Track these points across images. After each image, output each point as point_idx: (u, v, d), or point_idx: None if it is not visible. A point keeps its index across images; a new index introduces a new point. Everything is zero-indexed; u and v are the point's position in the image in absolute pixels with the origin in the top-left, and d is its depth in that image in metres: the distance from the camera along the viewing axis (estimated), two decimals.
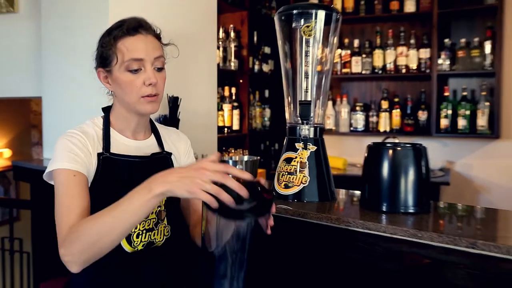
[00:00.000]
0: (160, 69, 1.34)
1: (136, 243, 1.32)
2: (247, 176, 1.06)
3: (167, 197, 1.38)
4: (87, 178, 1.27)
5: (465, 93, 3.71)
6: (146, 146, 1.43)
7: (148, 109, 1.32)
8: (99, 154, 1.31)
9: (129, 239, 1.30)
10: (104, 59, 1.32)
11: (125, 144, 1.38)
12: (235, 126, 3.52)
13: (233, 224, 1.05)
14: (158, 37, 1.36)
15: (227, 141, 3.42)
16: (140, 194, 1.05)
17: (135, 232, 1.31)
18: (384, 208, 1.44)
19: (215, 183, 1.01)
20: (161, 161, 1.44)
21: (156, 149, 1.45)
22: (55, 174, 1.25)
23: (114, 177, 1.32)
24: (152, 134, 1.48)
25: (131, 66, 1.28)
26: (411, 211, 1.42)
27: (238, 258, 1.14)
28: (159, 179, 1.04)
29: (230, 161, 2.42)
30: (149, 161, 1.39)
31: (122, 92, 1.32)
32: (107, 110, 1.42)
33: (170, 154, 1.47)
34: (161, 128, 1.53)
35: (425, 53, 3.79)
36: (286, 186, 1.63)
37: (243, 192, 1.01)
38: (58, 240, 1.15)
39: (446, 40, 3.73)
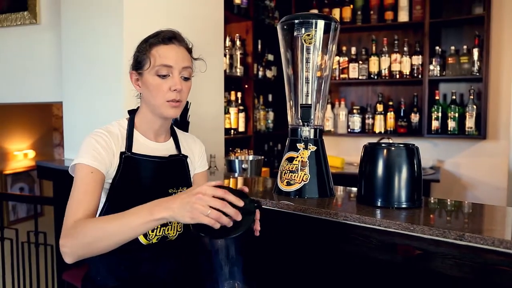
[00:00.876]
0: (187, 79, 1.36)
1: (151, 237, 1.33)
2: (241, 203, 1.04)
3: None
4: (104, 177, 1.28)
5: (454, 97, 3.69)
6: (165, 149, 1.44)
7: (170, 113, 1.34)
8: (121, 153, 1.33)
9: (145, 233, 1.32)
10: (138, 62, 1.35)
11: (146, 145, 1.40)
12: (241, 128, 3.53)
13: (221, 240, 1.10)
14: (189, 50, 1.39)
15: (233, 142, 3.43)
16: (142, 214, 1.06)
17: (154, 231, 1.33)
18: (379, 204, 1.45)
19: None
20: (177, 162, 1.46)
21: (174, 151, 1.47)
22: (76, 168, 1.26)
23: (134, 175, 1.33)
24: (171, 137, 1.49)
25: (160, 71, 1.31)
26: (404, 206, 1.43)
27: (231, 254, 1.16)
28: (162, 205, 1.05)
29: (237, 161, 2.43)
30: (167, 162, 1.41)
31: (149, 94, 1.34)
32: (132, 113, 1.44)
33: (186, 157, 1.49)
34: (179, 133, 1.54)
35: (417, 59, 3.79)
36: (288, 184, 1.64)
37: (238, 217, 1.02)
38: (62, 230, 1.15)
39: (437, 48, 3.73)
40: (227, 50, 3.39)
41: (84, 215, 1.18)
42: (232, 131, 3.43)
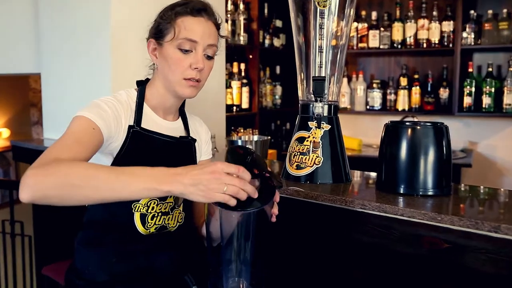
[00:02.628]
0: (210, 58, 1.37)
1: (150, 225, 1.35)
2: (256, 183, 1.10)
3: None
4: (102, 143, 1.26)
5: (490, 69, 3.66)
6: (175, 128, 1.47)
7: (186, 92, 1.36)
8: (130, 127, 1.34)
9: (143, 219, 1.34)
10: (160, 31, 1.36)
11: (155, 121, 1.41)
12: (244, 105, 3.52)
13: (237, 214, 1.12)
14: (218, 26, 1.40)
15: (235, 120, 3.43)
16: (147, 180, 1.01)
17: (151, 213, 1.35)
18: (401, 190, 1.45)
19: None
20: (186, 145, 1.49)
21: (182, 132, 1.49)
22: (74, 118, 1.24)
23: (141, 152, 1.35)
24: (180, 117, 1.51)
25: (183, 45, 1.32)
26: (430, 193, 1.43)
27: (243, 245, 1.19)
28: (171, 177, 1.02)
29: (239, 141, 2.44)
30: (176, 143, 1.44)
31: (167, 68, 1.35)
32: (141, 84, 1.45)
33: (195, 140, 1.52)
34: (189, 115, 1.57)
35: (448, 26, 3.75)
36: (298, 167, 1.64)
37: (256, 195, 1.04)
38: (34, 163, 1.07)
39: (472, 12, 3.68)
40: (228, 15, 3.36)
41: (69, 159, 1.11)
42: (235, 107, 3.43)
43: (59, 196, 1.03)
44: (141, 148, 1.35)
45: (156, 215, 1.36)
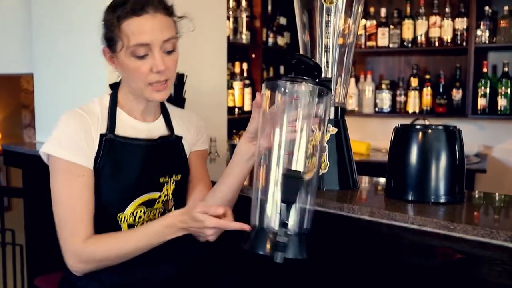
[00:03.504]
0: (171, 52, 1.33)
1: None
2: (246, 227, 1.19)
3: (176, 185, 1.41)
4: (92, 172, 1.32)
5: (506, 69, 3.66)
6: (154, 129, 1.45)
7: (156, 97, 1.34)
8: (101, 135, 1.33)
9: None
10: (109, 40, 1.32)
11: (131, 125, 1.40)
12: (247, 107, 3.53)
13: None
14: (169, 12, 1.34)
15: (238, 122, 3.43)
16: (157, 237, 1.26)
17: (138, 222, 1.35)
18: (412, 198, 1.44)
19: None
20: (169, 145, 1.46)
21: (165, 132, 1.47)
22: (56, 161, 1.29)
23: (118, 161, 1.34)
24: (161, 115, 1.49)
25: (137, 51, 1.27)
26: (442, 201, 1.43)
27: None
28: (175, 232, 1.26)
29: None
30: (156, 145, 1.42)
31: (129, 77, 1.34)
32: (115, 87, 1.44)
33: (181, 138, 1.49)
34: (172, 109, 1.54)
35: (461, 23, 3.75)
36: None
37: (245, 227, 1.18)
38: (65, 248, 1.28)
39: (487, 8, 3.68)
40: (230, 12, 3.37)
41: (89, 229, 1.29)
42: (237, 110, 3.43)
43: (101, 268, 1.31)
44: (117, 156, 1.34)
45: (145, 224, 1.35)
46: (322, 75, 1.33)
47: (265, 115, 1.22)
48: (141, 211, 1.35)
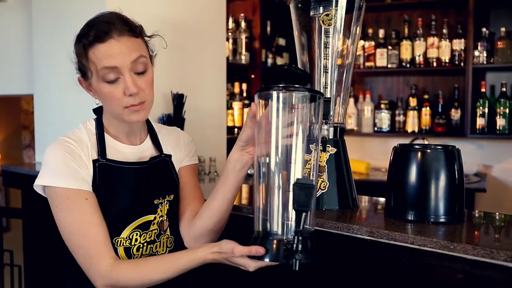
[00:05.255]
0: (143, 72, 1.31)
1: (137, 257, 1.34)
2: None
3: (169, 205, 1.41)
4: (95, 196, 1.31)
5: (504, 89, 3.68)
6: (143, 150, 1.45)
7: (134, 119, 1.33)
8: (94, 161, 1.33)
9: (128, 253, 1.34)
10: (81, 70, 1.33)
11: (120, 151, 1.40)
12: None
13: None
14: (136, 34, 1.31)
15: None
16: (185, 268, 1.26)
17: (135, 245, 1.34)
18: (411, 217, 1.44)
19: None
20: (160, 165, 1.46)
21: (154, 152, 1.47)
22: (55, 191, 1.28)
23: (112, 186, 1.34)
24: (148, 135, 1.49)
25: (106, 76, 1.26)
26: (442, 220, 1.42)
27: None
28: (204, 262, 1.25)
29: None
30: (148, 167, 1.42)
31: (105, 102, 1.34)
32: (98, 111, 1.44)
33: (170, 156, 1.49)
34: (160, 128, 1.55)
35: (459, 44, 3.78)
36: None
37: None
38: (93, 277, 1.26)
39: (484, 30, 3.72)
40: (230, 33, 3.40)
41: (110, 252, 1.28)
42: (236, 129, 3.44)
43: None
44: (112, 180, 1.34)
45: (141, 246, 1.35)
46: (310, 85, 1.36)
47: (260, 124, 1.23)
48: (137, 234, 1.34)
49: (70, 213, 1.27)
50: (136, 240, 1.34)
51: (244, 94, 3.53)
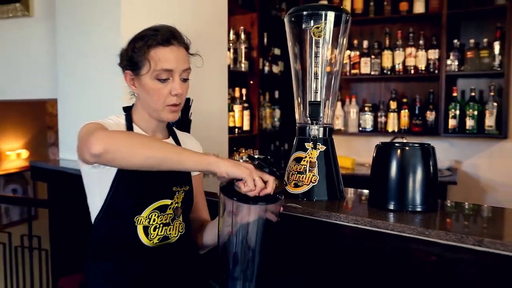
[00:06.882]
0: (186, 80, 1.37)
1: (153, 236, 1.35)
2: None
3: (184, 195, 1.42)
4: None
5: (473, 94, 3.68)
6: None
7: (170, 117, 1.38)
8: None
9: (146, 231, 1.34)
10: (134, 63, 1.34)
11: None
12: (246, 127, 3.54)
13: (247, 211, 1.21)
14: (187, 48, 1.39)
15: (237, 141, 3.44)
16: (201, 159, 1.19)
17: (152, 225, 1.35)
18: (392, 207, 1.45)
19: None
20: None
21: None
22: (88, 125, 1.30)
23: (138, 174, 1.32)
24: (170, 136, 1.51)
25: (161, 75, 1.32)
26: (418, 209, 1.43)
27: (251, 247, 1.24)
28: (216, 163, 1.18)
29: (241, 161, 2.44)
30: None
31: (148, 97, 1.35)
32: (127, 110, 1.45)
33: None
34: (177, 131, 1.56)
35: (434, 54, 3.78)
36: (296, 185, 1.64)
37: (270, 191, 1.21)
38: (90, 135, 1.18)
39: (455, 41, 3.71)
40: (231, 44, 3.40)
41: None
42: (237, 129, 3.44)
43: (128, 149, 1.16)
44: None
45: (158, 227, 1.36)
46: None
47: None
48: (155, 215, 1.35)
49: (93, 124, 1.31)
50: (154, 220, 1.35)
51: (244, 98, 3.53)
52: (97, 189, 1.35)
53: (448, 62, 3.72)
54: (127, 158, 1.17)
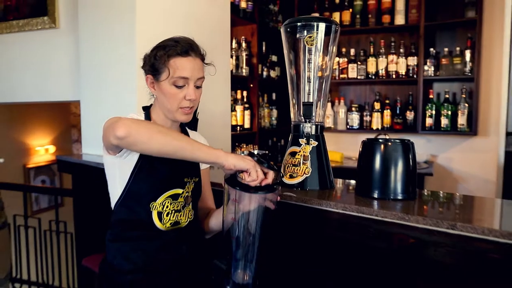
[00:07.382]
0: (199, 87, 1.37)
1: (166, 221, 1.35)
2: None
3: (193, 186, 1.42)
4: None
5: (447, 96, 3.68)
6: None
7: (183, 118, 1.38)
8: None
9: (160, 216, 1.34)
10: (155, 69, 1.34)
11: None
12: (246, 125, 3.53)
13: (248, 199, 1.22)
14: (203, 58, 1.39)
15: (239, 138, 3.43)
16: (211, 152, 1.21)
17: (165, 211, 1.35)
18: (376, 195, 1.45)
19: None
20: None
21: None
22: (112, 118, 1.28)
23: (155, 161, 1.33)
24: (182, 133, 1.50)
25: (178, 82, 1.32)
26: (399, 197, 1.43)
27: (251, 232, 1.25)
28: (224, 156, 1.21)
29: (242, 155, 2.44)
30: None
31: (166, 100, 1.35)
32: (146, 109, 1.45)
33: None
34: (189, 130, 1.56)
35: (412, 60, 3.77)
36: (291, 176, 1.64)
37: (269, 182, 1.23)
38: (115, 123, 1.20)
39: (431, 49, 3.71)
40: (233, 52, 3.39)
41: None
42: (238, 127, 3.43)
43: (148, 135, 1.18)
44: (156, 161, 1.34)
45: (170, 212, 1.36)
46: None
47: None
48: (168, 202, 1.36)
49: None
50: (167, 206, 1.35)
51: (245, 100, 3.52)
52: (117, 178, 1.36)
53: (425, 68, 3.71)
54: (147, 142, 1.17)
